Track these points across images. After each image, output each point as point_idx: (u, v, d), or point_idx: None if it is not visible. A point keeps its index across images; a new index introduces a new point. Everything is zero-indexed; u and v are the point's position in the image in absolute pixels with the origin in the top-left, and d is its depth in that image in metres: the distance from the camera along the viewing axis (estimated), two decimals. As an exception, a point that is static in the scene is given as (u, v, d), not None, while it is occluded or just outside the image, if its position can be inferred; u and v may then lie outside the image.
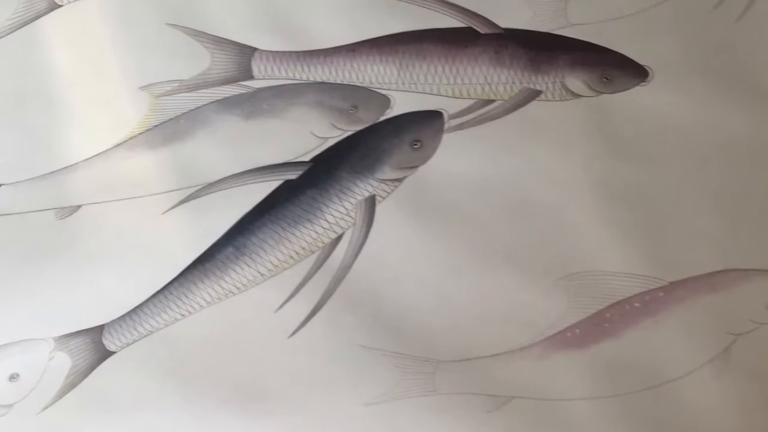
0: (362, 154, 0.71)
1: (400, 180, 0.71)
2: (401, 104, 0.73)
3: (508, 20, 0.74)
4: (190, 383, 0.66)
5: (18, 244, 0.71)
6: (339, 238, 0.69)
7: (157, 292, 0.69)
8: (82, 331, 0.68)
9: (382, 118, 0.73)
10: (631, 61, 0.73)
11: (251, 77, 0.74)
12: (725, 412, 0.64)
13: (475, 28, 0.74)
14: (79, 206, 0.72)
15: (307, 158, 0.72)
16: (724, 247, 0.68)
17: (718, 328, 0.66)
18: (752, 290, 0.67)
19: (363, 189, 0.70)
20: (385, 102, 0.73)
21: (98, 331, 0.68)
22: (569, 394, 0.65)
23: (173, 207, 0.71)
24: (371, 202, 0.70)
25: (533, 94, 0.72)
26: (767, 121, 0.71)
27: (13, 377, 0.67)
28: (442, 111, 0.72)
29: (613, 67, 0.73)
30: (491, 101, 0.73)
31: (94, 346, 0.68)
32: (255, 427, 0.65)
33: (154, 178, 0.72)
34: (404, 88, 0.73)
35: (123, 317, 0.68)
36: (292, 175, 0.71)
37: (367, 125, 0.72)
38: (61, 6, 0.77)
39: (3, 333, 0.68)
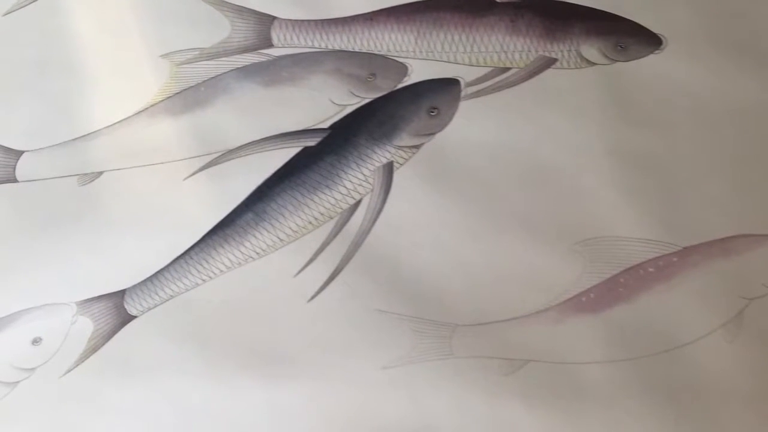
0: (380, 121, 0.71)
1: (417, 147, 0.71)
2: (418, 72, 0.73)
3: (524, -11, 0.75)
4: (209, 347, 0.66)
5: (40, 210, 0.71)
6: (357, 204, 0.70)
7: (178, 257, 0.69)
8: (104, 295, 0.68)
9: (400, 86, 0.73)
10: (645, 29, 0.73)
11: (271, 45, 0.75)
12: (738, 375, 0.64)
13: (491, -4, 0.75)
14: (101, 172, 0.72)
15: (325, 125, 0.72)
16: (737, 212, 0.68)
17: (732, 293, 0.66)
18: (765, 255, 0.67)
19: (381, 155, 0.70)
20: (402, 70, 0.73)
21: (120, 295, 0.68)
22: (584, 358, 0.65)
23: (194, 173, 0.71)
24: (389, 169, 0.70)
25: (549, 62, 0.73)
26: (779, 89, 0.72)
27: (36, 341, 0.67)
28: (459, 78, 0.73)
29: (628, 35, 0.73)
30: (507, 69, 0.73)
31: (116, 310, 0.68)
32: (273, 390, 0.65)
33: (174, 144, 0.72)
34: (421, 56, 0.74)
35: (144, 282, 0.68)
36: (311, 142, 0.71)
37: (384, 93, 0.73)
38: (83, -25, 0.78)
39: (26, 297, 0.68)
